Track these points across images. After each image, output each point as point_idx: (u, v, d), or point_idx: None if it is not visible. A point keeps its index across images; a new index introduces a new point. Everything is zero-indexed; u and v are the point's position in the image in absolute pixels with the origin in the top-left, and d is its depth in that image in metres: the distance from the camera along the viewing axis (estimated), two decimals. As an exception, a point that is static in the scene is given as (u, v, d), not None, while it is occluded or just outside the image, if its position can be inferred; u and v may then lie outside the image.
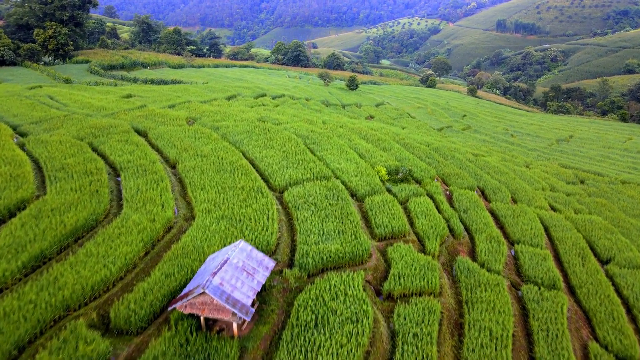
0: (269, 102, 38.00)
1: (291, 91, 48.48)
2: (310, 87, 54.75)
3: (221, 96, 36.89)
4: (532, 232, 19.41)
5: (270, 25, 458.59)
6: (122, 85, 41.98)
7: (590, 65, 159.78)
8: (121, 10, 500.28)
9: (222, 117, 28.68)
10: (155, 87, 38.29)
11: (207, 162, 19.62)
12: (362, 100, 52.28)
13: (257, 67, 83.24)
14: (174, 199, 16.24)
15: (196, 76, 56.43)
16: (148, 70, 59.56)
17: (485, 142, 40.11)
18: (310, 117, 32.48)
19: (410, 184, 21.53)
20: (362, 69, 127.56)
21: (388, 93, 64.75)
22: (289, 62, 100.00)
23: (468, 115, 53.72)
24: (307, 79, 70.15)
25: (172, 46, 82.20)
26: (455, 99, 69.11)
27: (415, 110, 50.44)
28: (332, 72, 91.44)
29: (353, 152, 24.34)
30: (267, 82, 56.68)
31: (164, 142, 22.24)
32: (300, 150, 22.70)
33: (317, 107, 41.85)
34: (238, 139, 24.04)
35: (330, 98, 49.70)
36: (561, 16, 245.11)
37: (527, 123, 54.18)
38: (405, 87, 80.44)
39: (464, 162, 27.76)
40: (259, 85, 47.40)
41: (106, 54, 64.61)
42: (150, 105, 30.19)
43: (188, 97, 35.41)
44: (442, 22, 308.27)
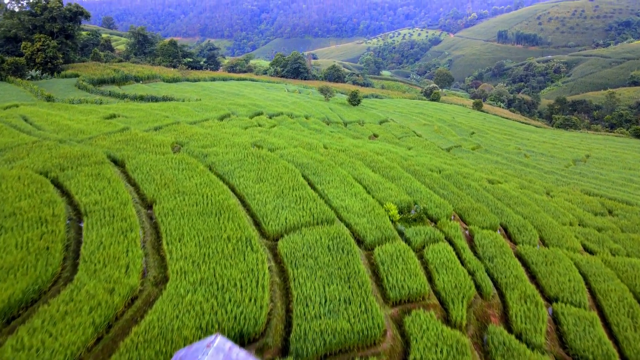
0: (265, 122, 35.22)
1: (290, 108, 45.79)
2: (310, 103, 52.08)
3: (214, 115, 34.14)
4: (570, 284, 16.50)
5: (270, 36, 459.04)
6: (108, 103, 39.25)
7: (594, 77, 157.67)
8: (121, 21, 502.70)
9: (212, 141, 25.87)
10: (143, 106, 35.56)
11: (190, 202, 16.73)
12: (365, 116, 49.56)
13: (256, 80, 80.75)
14: (143, 255, 13.32)
15: (190, 91, 53.77)
16: (140, 84, 56.95)
17: (498, 164, 37.30)
18: (310, 140, 29.67)
19: (425, 225, 18.64)
20: (363, 81, 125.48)
21: (391, 108, 62.13)
22: (289, 75, 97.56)
23: (477, 132, 50.98)
24: (307, 92, 67.58)
25: (167, 58, 79.74)
26: (461, 114, 66.44)
27: (421, 128, 47.70)
28: (333, 85, 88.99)
29: (358, 184, 21.48)
30: (264, 97, 54.05)
31: (143, 175, 19.38)
32: (298, 184, 19.84)
33: (317, 126, 39.08)
34: (228, 170, 21.18)
35: (331, 115, 46.99)
36: (562, 27, 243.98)
37: (539, 141, 51.39)
38: (408, 100, 77.88)
39: (481, 193, 24.90)
40: (255, 101, 44.70)
41: (97, 67, 62.07)
42: (134, 128, 27.40)
43: (177, 116, 32.67)
44: (443, 33, 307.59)
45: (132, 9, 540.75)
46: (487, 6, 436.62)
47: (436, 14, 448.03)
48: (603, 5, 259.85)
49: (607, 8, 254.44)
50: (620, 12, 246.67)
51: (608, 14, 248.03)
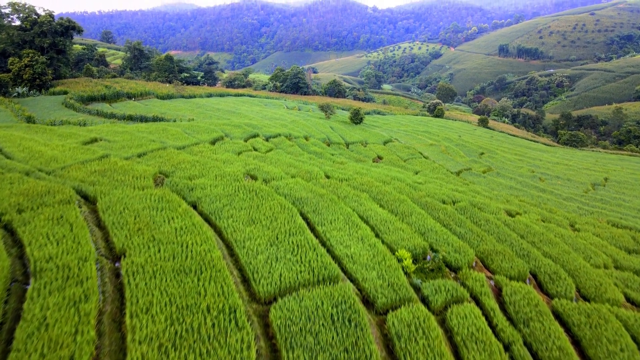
0: (261, 145, 32.54)
1: (288, 127, 43.19)
2: (310, 121, 49.52)
3: (205, 139, 31.49)
4: (623, 356, 13.67)
5: (271, 49, 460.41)
6: (93, 123, 36.64)
7: (598, 91, 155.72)
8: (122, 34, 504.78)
9: (201, 170, 23.17)
10: (130, 127, 32.91)
11: (165, 255, 13.94)
12: (368, 136, 46.96)
13: (254, 96, 78.38)
14: (97, 337, 10.49)
15: (184, 109, 51.26)
16: (132, 101, 54.47)
17: (513, 190, 34.56)
18: (310, 167, 26.96)
19: (445, 278, 15.81)
20: (364, 95, 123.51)
21: (395, 126, 59.63)
22: (288, 90, 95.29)
23: (486, 152, 48.34)
24: (307, 109, 65.12)
25: (163, 74, 77.45)
26: (467, 132, 63.87)
27: (427, 149, 45.06)
28: (333, 101, 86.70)
29: (365, 224, 18.71)
30: (262, 115, 51.54)
31: (115, 216, 16.60)
32: (295, 226, 17.06)
33: (317, 149, 36.41)
34: (215, 208, 18.43)
35: (332, 135, 44.39)
36: (564, 41, 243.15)
37: (552, 162, 48.70)
38: (411, 117, 75.45)
39: (502, 229, 22.11)
40: (251, 120, 42.12)
41: (89, 83, 59.66)
42: (114, 155, 24.72)
43: (165, 140, 30.01)
44: (444, 47, 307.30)
45: (133, 23, 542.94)
46: (487, 20, 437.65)
47: (436, 28, 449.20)
48: (604, 19, 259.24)
49: (608, 22, 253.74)
50: (622, 26, 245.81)
51: (609, 27, 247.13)
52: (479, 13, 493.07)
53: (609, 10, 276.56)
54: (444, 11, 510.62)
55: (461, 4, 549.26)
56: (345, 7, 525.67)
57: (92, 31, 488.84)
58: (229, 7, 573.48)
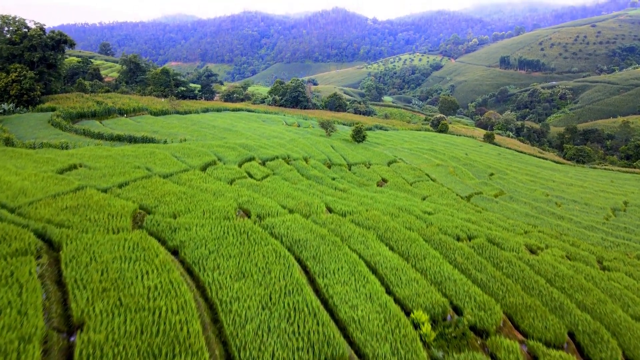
0: (256, 171, 30.03)
1: (287, 147, 40.76)
2: (310, 140, 47.12)
3: (196, 164, 28.99)
4: None
5: (271, 61, 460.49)
6: (76, 145, 34.17)
7: (602, 104, 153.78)
8: (123, 46, 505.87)
9: (187, 205, 20.64)
10: (115, 151, 30.44)
11: (131, 329, 11.32)
12: (371, 156, 44.50)
13: (252, 111, 76.10)
14: None
15: (178, 126, 48.88)
16: (124, 118, 52.12)
17: (529, 218, 32.01)
18: (309, 197, 24.41)
19: (471, 351, 13.19)
20: (365, 109, 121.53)
21: (398, 142, 57.26)
22: (287, 104, 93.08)
23: (496, 173, 45.86)
24: (307, 125, 62.80)
25: (159, 88, 75.22)
26: (473, 149, 61.46)
27: (434, 170, 42.57)
28: (334, 115, 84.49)
29: (373, 276, 16.13)
30: (259, 133, 49.17)
31: (79, 271, 14.01)
32: (292, 282, 14.47)
33: (317, 172, 33.91)
34: (200, 256, 15.85)
35: (333, 155, 41.93)
36: (565, 53, 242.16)
37: (566, 183, 46.18)
38: (415, 132, 73.12)
39: (527, 274, 19.52)
40: (248, 141, 39.67)
41: (80, 99, 57.38)
42: (92, 185, 22.21)
43: (151, 166, 27.50)
44: (444, 58, 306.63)
45: (134, 35, 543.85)
46: (487, 32, 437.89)
47: (436, 40, 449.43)
48: (605, 31, 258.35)
49: (610, 34, 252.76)
50: (623, 38, 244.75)
51: (611, 39, 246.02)
52: (479, 25, 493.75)
53: (610, 22, 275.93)
54: (444, 23, 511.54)
55: (461, 15, 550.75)
56: (346, 18, 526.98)
57: (92, 42, 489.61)
58: (229, 18, 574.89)
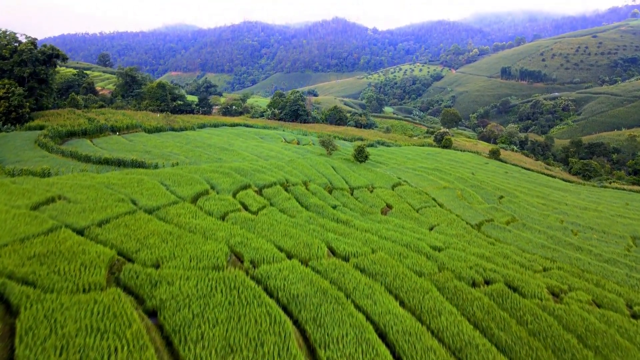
0: (252, 202, 27.79)
1: (286, 170, 38.62)
2: (310, 160, 44.98)
3: (186, 194, 26.76)
4: None
5: (271, 71, 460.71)
6: (59, 172, 31.95)
7: (606, 115, 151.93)
8: (123, 55, 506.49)
9: (172, 249, 18.34)
10: (99, 179, 28.20)
11: None
12: (374, 178, 42.30)
13: (250, 126, 74.04)
14: None
15: (172, 145, 46.75)
16: (116, 136, 50.01)
17: (546, 250, 29.74)
18: (309, 237, 22.13)
19: None
20: (366, 121, 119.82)
21: (401, 160, 55.16)
22: (287, 117, 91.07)
23: (505, 195, 43.64)
24: (307, 142, 60.77)
25: (155, 102, 73.18)
26: (480, 167, 59.28)
27: (440, 193, 40.35)
28: (335, 130, 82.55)
29: (382, 346, 13.78)
30: (257, 152, 47.05)
31: (35, 349, 11.62)
32: (290, 358, 12.19)
33: (317, 200, 31.69)
34: (181, 323, 13.47)
35: (334, 178, 39.74)
36: (567, 63, 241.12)
37: (580, 206, 43.93)
38: (418, 148, 71.01)
39: (555, 330, 17.12)
40: (244, 164, 37.47)
41: (71, 115, 55.37)
42: (68, 224, 19.89)
43: (138, 198, 25.22)
44: (445, 69, 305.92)
45: (134, 44, 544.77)
46: (487, 42, 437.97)
47: (436, 50, 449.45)
48: (606, 41, 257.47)
49: (611, 44, 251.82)
50: (625, 49, 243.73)
51: (612, 50, 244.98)
52: (479, 35, 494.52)
53: (611, 32, 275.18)
54: (444, 33, 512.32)
55: (461, 25, 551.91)
56: (346, 28, 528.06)
57: (92, 52, 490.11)
58: (229, 28, 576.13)
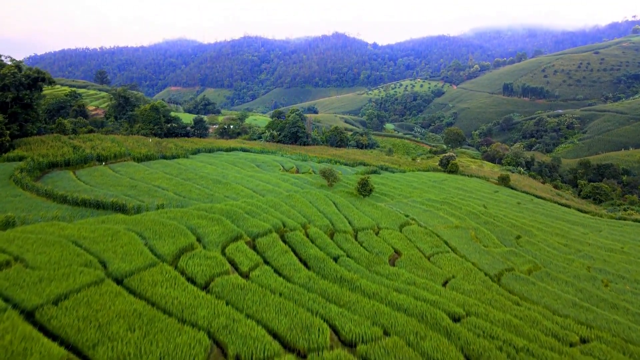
0: (243, 259, 24.26)
1: (283, 210, 35.20)
2: (310, 195, 41.58)
3: (167, 251, 23.23)
4: None
5: (271, 86, 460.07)
6: (26, 220, 28.35)
7: (612, 134, 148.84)
8: (123, 70, 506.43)
9: (140, 340, 14.75)
10: (69, 231, 24.64)
11: None
12: (380, 216, 38.81)
13: (248, 150, 70.73)
14: None
15: (161, 178, 43.34)
16: (102, 167, 46.61)
17: (578, 310, 26.08)
18: (308, 315, 18.56)
19: None
20: (368, 141, 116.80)
21: (407, 190, 51.81)
22: (286, 140, 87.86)
23: (522, 235, 40.17)
24: (306, 169, 57.47)
25: (147, 125, 69.89)
26: (490, 197, 55.80)
27: (452, 234, 36.83)
28: (336, 153, 79.36)
29: None
30: (253, 186, 43.64)
31: None
32: None
33: (318, 250, 28.17)
34: None
35: (336, 218, 36.25)
36: (569, 80, 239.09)
37: (604, 247, 40.36)
38: (423, 174, 67.62)
39: None
40: (236, 206, 33.97)
41: (55, 143, 52.06)
42: (18, 303, 16.28)
43: (109, 258, 21.64)
44: (446, 85, 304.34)
45: (134, 59, 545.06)
46: (487, 57, 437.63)
47: (437, 65, 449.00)
48: (608, 58, 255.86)
49: (613, 61, 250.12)
50: (627, 65, 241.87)
51: (615, 66, 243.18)
52: (479, 50, 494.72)
53: (613, 49, 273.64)
54: (444, 48, 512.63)
55: (461, 41, 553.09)
56: (346, 44, 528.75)
57: (92, 67, 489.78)
58: (230, 43, 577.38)
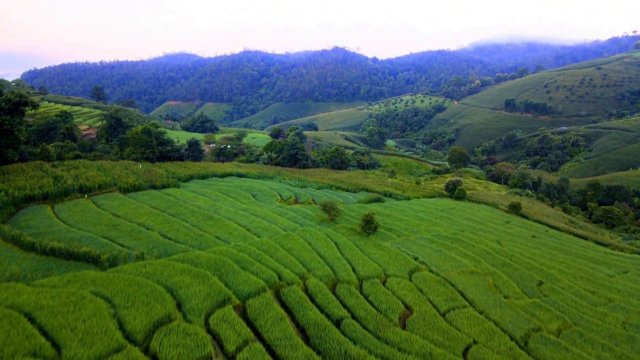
0: (229, 333, 20.46)
1: (279, 256, 31.47)
2: (309, 234, 37.85)
3: (139, 326, 19.50)
4: None
5: (270, 100, 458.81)
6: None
7: (619, 153, 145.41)
8: (122, 85, 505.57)
9: None
10: (24, 297, 20.87)
11: None
12: (387, 260, 34.98)
13: (244, 175, 67.09)
14: None
15: (147, 214, 39.65)
16: (84, 200, 42.89)
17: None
18: None
19: None
20: (369, 161, 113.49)
21: (414, 223, 48.13)
22: (285, 162, 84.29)
23: (544, 279, 36.38)
24: (306, 198, 53.87)
25: (139, 149, 66.31)
26: (503, 231, 52.02)
27: (468, 281, 33.02)
28: (337, 177, 75.73)
29: None
30: (247, 223, 39.92)
31: None
32: None
33: (317, 312, 24.36)
34: None
35: (338, 264, 32.46)
36: (572, 96, 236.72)
37: (635, 294, 36.50)
38: (429, 202, 63.90)
39: None
40: (226, 251, 30.20)
41: (36, 172, 48.55)
42: None
43: (63, 342, 17.85)
44: (447, 100, 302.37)
45: (134, 74, 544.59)
46: (487, 72, 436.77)
47: (437, 79, 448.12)
48: (611, 73, 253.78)
49: (616, 77, 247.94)
50: (630, 81, 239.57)
51: (618, 82, 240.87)
52: (479, 65, 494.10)
53: (616, 64, 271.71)
54: (444, 63, 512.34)
55: (461, 55, 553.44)
56: (346, 58, 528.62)
57: (91, 81, 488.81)
58: (229, 58, 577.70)
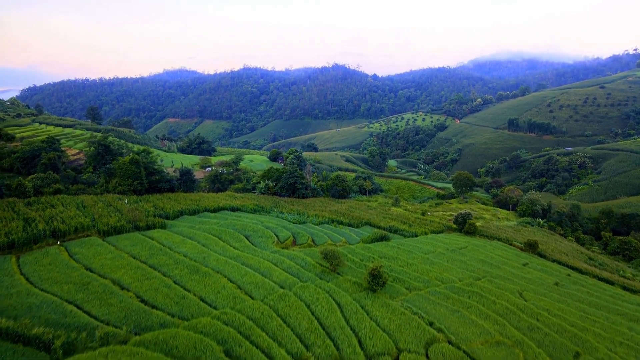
0: None
1: (271, 327, 26.80)
2: (309, 292, 33.26)
3: None
4: None
5: (270, 117, 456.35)
6: None
7: (629, 176, 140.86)
8: (121, 102, 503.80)
9: None
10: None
11: None
12: (397, 327, 30.24)
13: (238, 209, 62.58)
14: None
15: (125, 266, 34.96)
16: (55, 248, 38.20)
17: None
18: None
19: None
20: (371, 186, 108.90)
21: (424, 270, 43.56)
22: (283, 191, 79.75)
23: (580, 348, 31.58)
24: (305, 239, 49.46)
25: (126, 181, 61.78)
26: (522, 277, 47.26)
27: (494, 355, 28.26)
28: (338, 208, 71.22)
29: None
30: (238, 278, 35.24)
31: None
32: None
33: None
34: None
35: (342, 335, 27.76)
36: (576, 115, 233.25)
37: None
38: (438, 241, 59.28)
39: None
40: (210, 321, 25.48)
41: (7, 214, 44.21)
42: None
43: None
44: (448, 118, 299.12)
45: (133, 90, 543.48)
46: (488, 89, 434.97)
47: (438, 97, 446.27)
48: (615, 92, 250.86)
49: (620, 96, 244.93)
50: (635, 100, 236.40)
51: (622, 101, 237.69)
52: (480, 82, 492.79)
53: (619, 83, 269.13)
54: (445, 80, 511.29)
55: (461, 73, 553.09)
56: (346, 75, 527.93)
57: (90, 98, 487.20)
58: (229, 75, 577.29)
